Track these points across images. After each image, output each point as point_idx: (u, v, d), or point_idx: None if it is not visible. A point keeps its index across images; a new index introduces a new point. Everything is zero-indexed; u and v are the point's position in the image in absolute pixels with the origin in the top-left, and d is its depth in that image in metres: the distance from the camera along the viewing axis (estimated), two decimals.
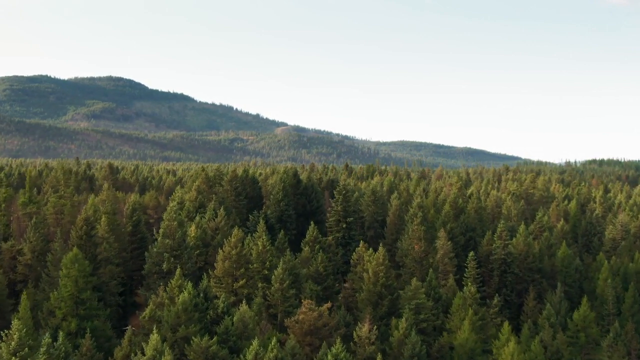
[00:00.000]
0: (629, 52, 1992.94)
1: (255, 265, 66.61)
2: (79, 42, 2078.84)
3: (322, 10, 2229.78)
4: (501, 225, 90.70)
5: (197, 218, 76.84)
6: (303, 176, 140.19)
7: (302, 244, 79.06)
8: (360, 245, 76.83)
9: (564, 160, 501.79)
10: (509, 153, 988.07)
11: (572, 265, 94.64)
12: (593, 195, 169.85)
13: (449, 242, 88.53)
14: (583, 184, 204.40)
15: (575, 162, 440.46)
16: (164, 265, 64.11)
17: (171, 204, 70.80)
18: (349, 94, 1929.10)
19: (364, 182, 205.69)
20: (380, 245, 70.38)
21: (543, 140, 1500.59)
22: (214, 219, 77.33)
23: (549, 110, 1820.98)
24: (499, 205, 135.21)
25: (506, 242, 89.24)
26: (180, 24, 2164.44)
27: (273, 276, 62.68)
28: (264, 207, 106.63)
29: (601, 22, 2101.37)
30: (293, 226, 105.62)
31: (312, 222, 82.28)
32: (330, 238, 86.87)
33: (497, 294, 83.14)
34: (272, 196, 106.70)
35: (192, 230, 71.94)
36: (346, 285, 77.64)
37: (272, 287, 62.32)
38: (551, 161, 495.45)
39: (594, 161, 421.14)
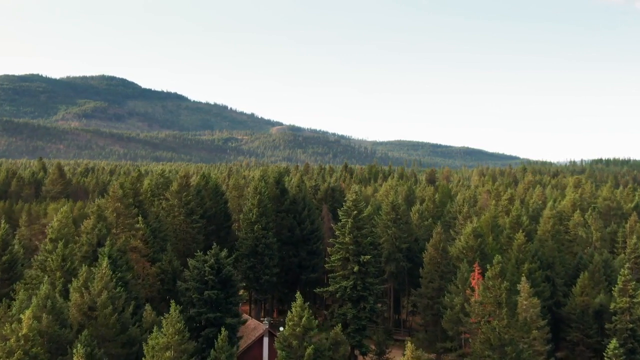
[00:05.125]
0: (625, 51, 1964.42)
1: None
2: (71, 41, 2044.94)
3: (318, 9, 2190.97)
4: (625, 271, 52.99)
5: (58, 282, 34.45)
6: (293, 181, 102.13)
7: (280, 333, 39.68)
8: (408, 349, 35.68)
9: (564, 160, 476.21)
10: (507, 152, 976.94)
11: None
12: None
13: (535, 299, 51.64)
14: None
15: (582, 161, 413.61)
16: None
17: None
18: (345, 94, 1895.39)
19: (368, 187, 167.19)
20: None
21: (540, 139, 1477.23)
22: (91, 281, 36.82)
23: (547, 109, 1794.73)
24: (561, 221, 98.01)
25: (634, 300, 51.98)
26: (174, 23, 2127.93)
27: None
28: (232, 233, 69.23)
29: (596, 22, 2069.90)
30: (274, 262, 68.33)
31: (298, 292, 41.42)
32: (332, 316, 47.81)
33: None
34: (242, 216, 69.49)
35: (25, 321, 29.92)
36: None
37: None
38: (551, 161, 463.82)
39: (600, 161, 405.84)
